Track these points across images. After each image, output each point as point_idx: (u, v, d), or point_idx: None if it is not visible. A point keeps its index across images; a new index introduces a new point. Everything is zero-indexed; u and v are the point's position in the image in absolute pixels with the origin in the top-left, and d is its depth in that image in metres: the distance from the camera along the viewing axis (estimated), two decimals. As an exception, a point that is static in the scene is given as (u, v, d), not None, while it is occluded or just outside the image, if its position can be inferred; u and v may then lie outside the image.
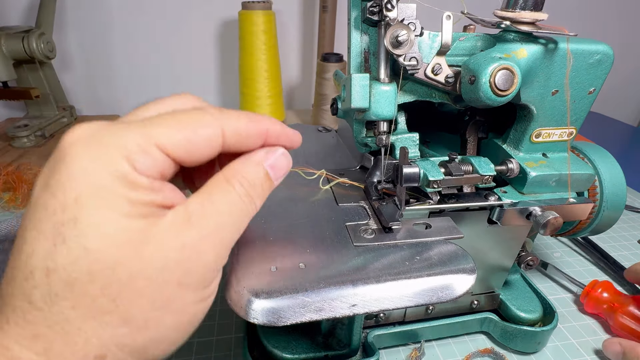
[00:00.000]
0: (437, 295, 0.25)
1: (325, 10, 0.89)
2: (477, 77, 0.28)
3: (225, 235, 0.20)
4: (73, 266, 0.16)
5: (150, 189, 0.18)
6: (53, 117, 0.81)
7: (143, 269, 0.17)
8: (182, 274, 0.18)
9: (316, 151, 0.46)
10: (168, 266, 0.18)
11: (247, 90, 0.86)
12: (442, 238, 0.29)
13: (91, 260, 0.16)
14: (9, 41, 0.71)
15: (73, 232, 0.16)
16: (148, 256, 0.17)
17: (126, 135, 0.18)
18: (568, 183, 0.33)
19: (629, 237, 0.59)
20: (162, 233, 0.18)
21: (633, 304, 0.40)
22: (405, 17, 0.30)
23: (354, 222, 0.31)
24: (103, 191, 0.17)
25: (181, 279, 0.18)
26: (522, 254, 0.39)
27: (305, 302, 0.23)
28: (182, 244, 0.18)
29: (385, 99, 0.31)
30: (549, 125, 0.33)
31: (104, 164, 0.17)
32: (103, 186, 0.17)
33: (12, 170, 0.62)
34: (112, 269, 0.17)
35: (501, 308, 0.41)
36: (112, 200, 0.17)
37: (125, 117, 0.21)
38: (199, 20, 0.96)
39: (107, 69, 0.98)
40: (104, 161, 0.17)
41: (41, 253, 0.17)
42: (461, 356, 0.39)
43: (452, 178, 0.31)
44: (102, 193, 0.17)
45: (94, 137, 0.18)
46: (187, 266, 0.18)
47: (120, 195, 0.17)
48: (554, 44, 0.30)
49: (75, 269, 0.16)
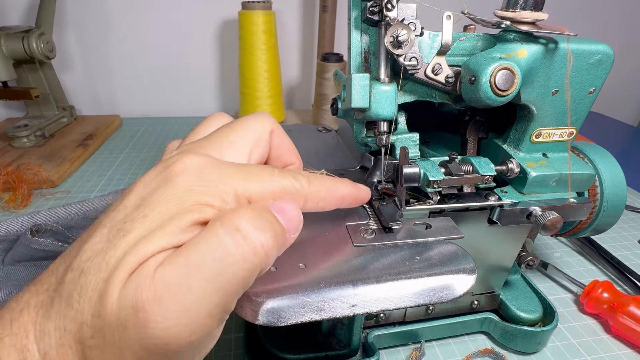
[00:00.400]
0: (438, 295, 0.25)
1: (325, 10, 0.89)
2: (478, 77, 0.28)
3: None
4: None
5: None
6: (53, 117, 0.81)
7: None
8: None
9: (316, 151, 0.46)
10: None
11: (247, 90, 0.86)
12: (443, 238, 0.29)
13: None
14: (9, 41, 0.71)
15: (121, 241, 0.18)
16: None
17: (229, 182, 0.20)
18: (568, 183, 0.33)
19: (629, 237, 0.59)
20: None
21: (633, 304, 0.40)
22: (405, 17, 0.29)
23: (354, 222, 0.31)
24: (167, 224, 0.18)
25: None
26: (522, 254, 0.39)
27: (306, 302, 0.23)
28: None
29: (386, 99, 0.30)
30: (549, 125, 0.33)
31: (187, 204, 0.19)
32: (171, 217, 0.18)
33: (12, 170, 0.62)
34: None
35: (501, 308, 0.41)
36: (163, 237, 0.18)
37: (201, 145, 0.23)
38: (199, 20, 0.96)
39: (107, 69, 0.98)
40: (190, 201, 0.19)
41: (95, 250, 0.18)
42: (461, 356, 0.39)
43: (452, 178, 0.31)
44: (164, 226, 0.18)
45: (200, 174, 0.20)
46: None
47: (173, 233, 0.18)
48: (554, 44, 0.30)
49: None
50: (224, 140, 0.23)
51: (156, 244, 0.17)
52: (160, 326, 0.16)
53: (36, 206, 0.60)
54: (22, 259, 0.40)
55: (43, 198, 0.62)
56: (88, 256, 0.18)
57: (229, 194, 0.20)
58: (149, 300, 0.16)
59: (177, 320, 0.16)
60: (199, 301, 0.17)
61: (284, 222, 0.20)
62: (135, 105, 1.03)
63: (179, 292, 0.16)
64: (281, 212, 0.20)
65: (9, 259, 0.40)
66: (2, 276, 0.38)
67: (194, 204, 0.19)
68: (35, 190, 0.64)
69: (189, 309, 0.17)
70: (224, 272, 0.17)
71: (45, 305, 0.18)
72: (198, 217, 0.18)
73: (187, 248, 0.17)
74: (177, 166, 0.20)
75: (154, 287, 0.16)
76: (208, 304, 0.17)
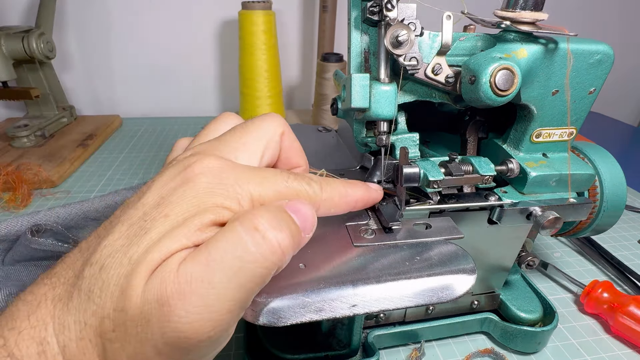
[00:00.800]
0: (438, 295, 0.25)
1: (325, 10, 0.89)
2: (478, 77, 0.28)
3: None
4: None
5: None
6: (53, 117, 0.81)
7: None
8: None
9: (316, 151, 0.46)
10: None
11: (247, 90, 0.86)
12: (443, 238, 0.29)
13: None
14: (9, 41, 0.71)
15: (141, 239, 0.18)
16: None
17: (245, 186, 0.21)
18: (568, 183, 0.33)
19: (629, 237, 0.59)
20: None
21: (633, 304, 0.40)
22: (405, 17, 0.29)
23: (354, 222, 0.31)
24: (184, 224, 0.19)
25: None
26: (522, 254, 0.39)
27: (306, 302, 0.23)
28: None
29: (386, 99, 0.30)
30: (549, 125, 0.33)
31: (206, 205, 0.19)
32: (188, 217, 0.19)
33: (12, 170, 0.62)
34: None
35: (501, 308, 0.41)
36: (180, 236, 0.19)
37: (216, 147, 0.23)
38: (199, 20, 0.96)
39: (107, 69, 0.98)
40: (209, 202, 0.19)
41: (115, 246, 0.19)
42: (461, 356, 0.39)
43: (452, 178, 0.31)
44: (181, 227, 0.19)
45: (218, 177, 0.20)
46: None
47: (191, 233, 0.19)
48: (554, 44, 0.30)
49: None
50: (238, 142, 0.24)
51: (178, 242, 0.18)
52: (183, 320, 0.17)
53: (36, 206, 0.60)
54: (22, 259, 0.40)
55: (43, 198, 0.62)
56: (108, 252, 0.18)
57: (245, 198, 0.20)
58: (173, 295, 0.17)
59: (199, 315, 0.17)
60: (220, 297, 0.17)
61: (299, 222, 0.21)
62: (135, 105, 1.03)
63: (201, 287, 0.17)
64: (296, 212, 0.21)
65: (9, 259, 0.40)
66: (2, 276, 0.38)
67: (212, 206, 0.19)
68: (35, 190, 0.64)
69: (211, 304, 0.17)
70: (243, 270, 0.18)
71: (64, 298, 0.18)
72: (215, 218, 0.19)
73: (208, 246, 0.18)
74: (196, 167, 0.20)
75: (178, 281, 0.17)
76: (228, 300, 0.18)
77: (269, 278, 0.19)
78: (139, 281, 0.17)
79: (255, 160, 0.24)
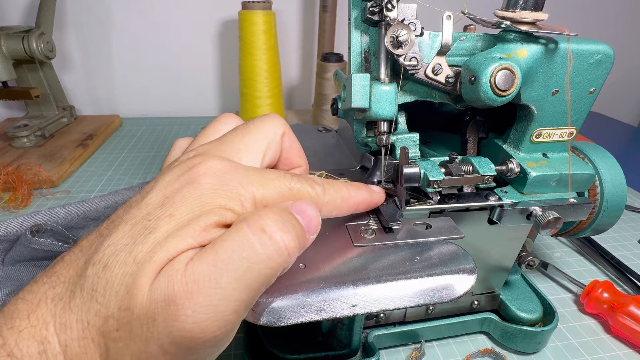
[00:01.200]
0: (438, 295, 0.25)
1: (325, 10, 0.89)
2: (478, 77, 0.28)
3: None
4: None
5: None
6: (53, 117, 0.81)
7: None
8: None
9: (316, 151, 0.46)
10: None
11: (247, 90, 0.86)
12: (443, 238, 0.29)
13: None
14: (9, 41, 0.71)
15: (146, 238, 0.18)
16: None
17: (249, 188, 0.21)
18: (568, 183, 0.33)
19: (629, 237, 0.59)
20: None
21: (633, 304, 0.40)
22: (405, 17, 0.30)
23: (354, 222, 0.31)
24: (189, 225, 0.19)
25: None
26: (522, 254, 0.39)
27: (306, 302, 0.23)
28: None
29: (386, 99, 0.30)
30: (550, 125, 0.33)
31: (211, 206, 0.19)
32: (193, 218, 0.19)
33: (12, 170, 0.62)
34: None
35: (501, 308, 0.41)
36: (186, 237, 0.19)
37: (218, 148, 0.23)
38: (199, 20, 0.96)
39: (107, 69, 0.98)
40: (213, 203, 0.19)
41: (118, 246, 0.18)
42: (461, 356, 0.39)
43: (452, 178, 0.31)
44: (187, 227, 0.19)
45: (222, 178, 0.21)
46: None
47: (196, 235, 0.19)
48: (554, 44, 0.30)
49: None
50: (240, 143, 0.24)
51: (185, 242, 0.18)
52: (190, 320, 0.17)
53: (36, 206, 0.60)
54: (22, 259, 0.40)
55: (43, 198, 0.62)
56: (112, 251, 0.18)
57: (248, 200, 0.21)
58: (181, 294, 0.17)
59: (205, 315, 0.17)
60: (227, 297, 0.17)
61: (304, 223, 0.21)
62: (135, 105, 1.03)
63: (208, 287, 0.17)
64: (301, 213, 0.21)
65: (9, 259, 0.40)
66: (2, 276, 0.38)
67: (216, 207, 0.19)
68: (35, 190, 0.64)
69: (217, 304, 0.17)
70: (250, 270, 0.18)
71: (65, 297, 0.18)
72: (219, 220, 0.19)
73: (215, 246, 0.18)
74: (200, 168, 0.21)
75: (186, 281, 0.17)
76: (235, 300, 0.18)
77: (274, 279, 0.19)
78: (146, 280, 0.17)
79: (257, 161, 0.24)
